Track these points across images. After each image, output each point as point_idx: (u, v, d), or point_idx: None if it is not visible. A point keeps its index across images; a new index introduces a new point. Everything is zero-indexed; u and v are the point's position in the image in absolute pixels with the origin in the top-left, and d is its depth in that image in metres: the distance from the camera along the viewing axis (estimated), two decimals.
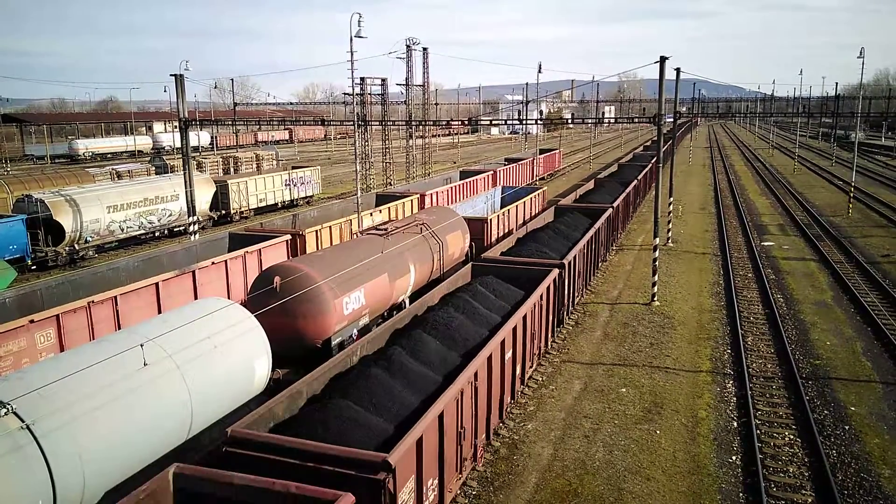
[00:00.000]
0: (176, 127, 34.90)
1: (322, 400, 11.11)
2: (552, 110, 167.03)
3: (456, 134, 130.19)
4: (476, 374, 12.19)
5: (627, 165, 55.89)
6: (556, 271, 18.87)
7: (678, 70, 31.48)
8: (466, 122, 45.87)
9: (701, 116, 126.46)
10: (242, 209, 43.56)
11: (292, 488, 7.91)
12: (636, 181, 42.13)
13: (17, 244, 29.81)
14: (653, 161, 49.29)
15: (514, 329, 14.87)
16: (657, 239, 24.61)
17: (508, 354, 14.48)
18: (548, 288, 17.73)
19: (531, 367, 17.22)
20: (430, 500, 10.17)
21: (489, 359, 12.93)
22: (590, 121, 52.72)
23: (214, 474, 8.38)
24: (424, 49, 58.41)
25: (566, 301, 20.73)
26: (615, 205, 31.66)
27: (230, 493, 8.13)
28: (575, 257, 21.26)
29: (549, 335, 19.10)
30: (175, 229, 38.14)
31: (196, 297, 19.26)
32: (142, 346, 11.11)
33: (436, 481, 10.44)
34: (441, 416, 10.43)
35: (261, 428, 9.90)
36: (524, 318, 15.62)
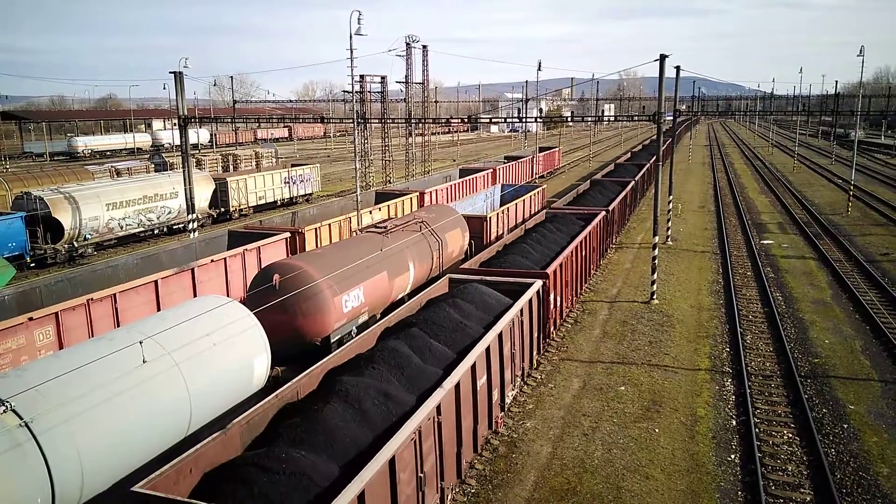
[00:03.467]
0: (175, 124, 34.90)
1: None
2: (552, 108, 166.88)
3: (455, 132, 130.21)
4: None
5: (602, 184, 39.59)
6: None
7: (678, 68, 31.52)
8: (466, 120, 45.81)
9: (701, 114, 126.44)
10: (242, 207, 43.53)
11: None
12: (604, 214, 28.26)
13: (16, 241, 29.78)
14: (637, 177, 47.17)
15: None
16: (656, 237, 24.61)
17: None
18: None
19: None
20: None
21: None
22: (589, 119, 52.74)
23: None
24: (424, 47, 58.37)
25: None
26: (551, 269, 18.87)
27: None
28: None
29: None
30: (174, 227, 38.10)
31: (195, 295, 19.25)
32: (141, 343, 11.10)
33: None
34: None
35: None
36: None
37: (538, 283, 17.53)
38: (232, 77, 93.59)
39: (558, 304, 20.01)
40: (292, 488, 8.75)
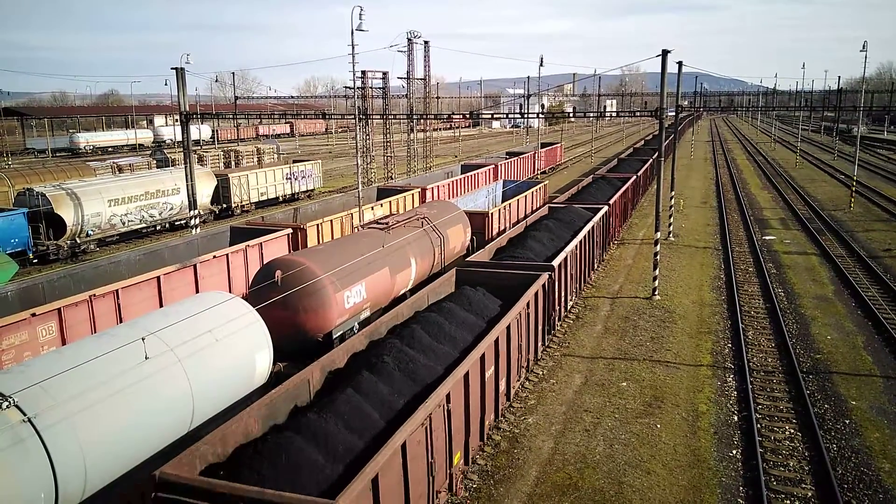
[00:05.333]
0: (177, 120, 34.88)
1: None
2: (553, 104, 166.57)
3: (457, 128, 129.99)
4: None
5: (627, 160, 51.69)
6: None
7: (680, 63, 31.34)
8: (468, 116, 45.77)
9: (703, 110, 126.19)
10: (243, 203, 43.55)
11: None
12: (635, 178, 38.12)
13: (19, 238, 29.83)
14: (652, 157, 48.61)
15: None
16: (658, 233, 24.59)
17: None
18: None
19: None
20: None
21: None
22: (591, 114, 52.66)
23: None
24: (426, 42, 58.27)
25: None
26: (611, 202, 29.44)
27: None
28: None
29: None
30: (176, 223, 38.14)
31: (197, 291, 19.28)
32: (143, 339, 11.12)
33: None
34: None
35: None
36: None
37: (605, 208, 28.48)
38: (234, 73, 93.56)
39: (613, 225, 31.59)
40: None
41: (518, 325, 15.14)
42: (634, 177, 39.39)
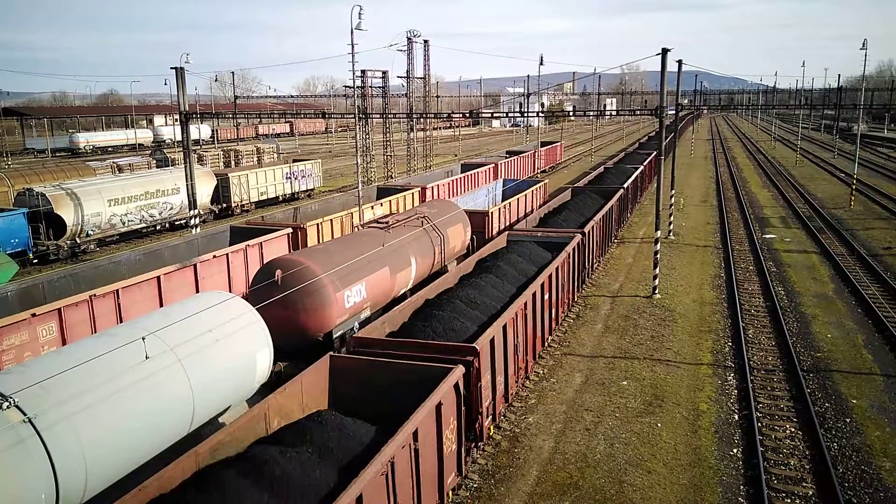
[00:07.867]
0: (176, 120, 34.85)
1: None
2: (553, 103, 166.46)
3: (457, 126, 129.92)
4: None
5: (636, 152, 56.77)
6: None
7: (680, 62, 31.33)
8: (467, 115, 45.88)
9: (704, 107, 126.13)
10: (243, 202, 43.54)
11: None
12: (651, 159, 49.85)
13: (19, 238, 29.82)
14: (655, 153, 49.22)
15: None
16: (658, 232, 24.58)
17: None
18: None
19: None
20: None
21: None
22: (591, 113, 52.65)
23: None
24: (425, 41, 58.27)
25: None
26: (646, 162, 49.33)
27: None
28: None
29: None
30: (176, 223, 38.13)
31: (197, 291, 19.27)
32: (143, 339, 11.10)
33: None
34: None
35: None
36: None
37: (642, 167, 44.08)
38: (233, 72, 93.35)
39: (646, 181, 48.22)
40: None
41: (615, 205, 30.29)
42: (655, 152, 50.08)
